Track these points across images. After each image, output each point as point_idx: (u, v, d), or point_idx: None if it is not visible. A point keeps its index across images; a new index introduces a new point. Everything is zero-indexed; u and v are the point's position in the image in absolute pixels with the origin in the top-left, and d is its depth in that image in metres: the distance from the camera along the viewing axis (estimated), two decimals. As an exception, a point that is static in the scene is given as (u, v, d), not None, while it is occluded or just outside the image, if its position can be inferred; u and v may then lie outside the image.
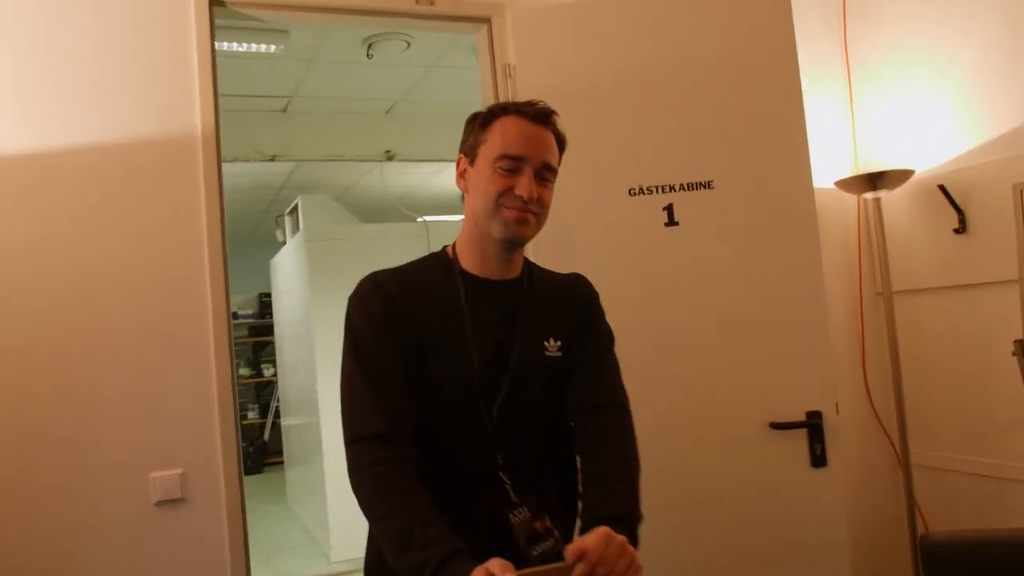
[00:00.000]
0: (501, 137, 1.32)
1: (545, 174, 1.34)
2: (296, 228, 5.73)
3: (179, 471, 1.99)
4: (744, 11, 2.22)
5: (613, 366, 1.46)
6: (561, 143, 1.39)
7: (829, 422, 2.12)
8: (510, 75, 2.31)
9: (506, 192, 1.30)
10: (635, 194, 2.19)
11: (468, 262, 1.39)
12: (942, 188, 2.50)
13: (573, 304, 1.45)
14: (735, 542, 2.12)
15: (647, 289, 2.17)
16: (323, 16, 2.24)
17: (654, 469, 1.44)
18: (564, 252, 1.92)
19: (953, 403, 2.57)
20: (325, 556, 5.01)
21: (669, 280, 2.18)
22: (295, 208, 5.78)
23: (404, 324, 1.31)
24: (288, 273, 6.02)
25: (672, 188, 2.18)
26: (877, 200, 2.65)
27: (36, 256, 1.92)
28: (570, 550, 1.08)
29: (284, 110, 4.48)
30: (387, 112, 4.68)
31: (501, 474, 1.31)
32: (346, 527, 4.72)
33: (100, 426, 1.95)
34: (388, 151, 4.80)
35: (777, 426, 2.12)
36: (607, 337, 1.48)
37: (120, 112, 1.99)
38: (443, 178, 5.87)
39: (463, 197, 1.39)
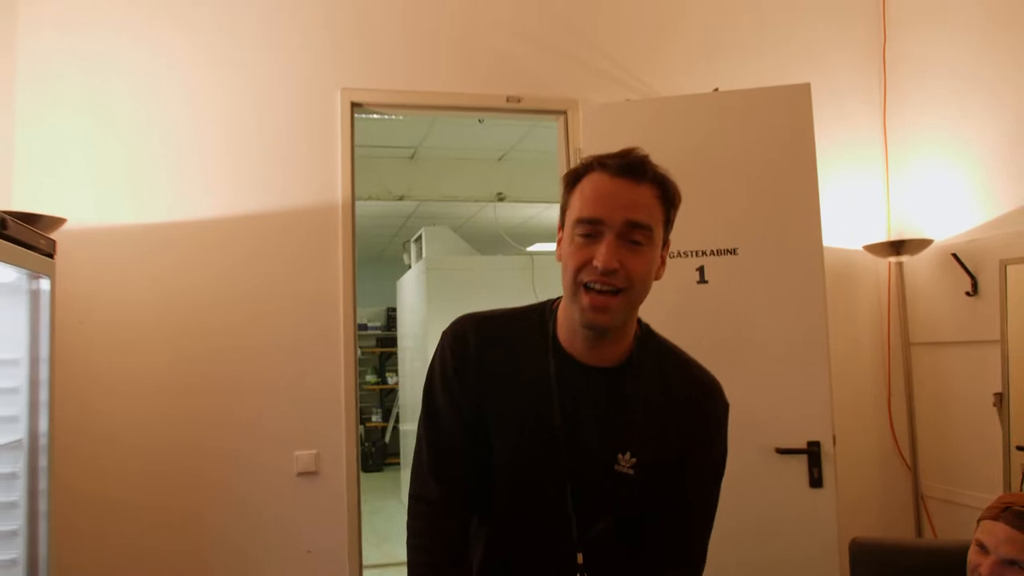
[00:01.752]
0: (580, 198, 1.16)
1: (635, 235, 1.14)
2: (420, 255, 6.51)
3: (315, 451, 2.68)
4: (769, 109, 2.71)
5: (707, 513, 1.27)
6: (667, 195, 1.19)
7: (826, 450, 2.57)
8: (579, 157, 2.89)
9: (585, 266, 1.13)
10: (674, 256, 2.72)
11: (563, 335, 1.24)
12: (955, 256, 2.89)
13: (680, 414, 1.24)
14: (743, 547, 2.59)
15: (680, 332, 2.63)
16: (434, 111, 2.91)
17: None
18: None
19: (963, 442, 2.93)
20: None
21: (699, 326, 2.68)
22: (420, 237, 6.57)
23: (483, 383, 1.23)
24: (411, 293, 6.81)
25: (704, 253, 2.70)
26: (900, 264, 3.06)
27: (221, 286, 2.66)
28: None
29: (411, 158, 5.24)
30: (499, 159, 5.36)
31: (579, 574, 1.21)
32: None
33: (258, 412, 2.65)
34: (499, 193, 5.49)
35: (782, 451, 2.59)
36: (714, 473, 1.28)
37: (284, 186, 2.71)
38: (548, 216, 6.52)
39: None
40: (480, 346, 1.24)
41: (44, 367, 1.80)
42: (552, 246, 1.29)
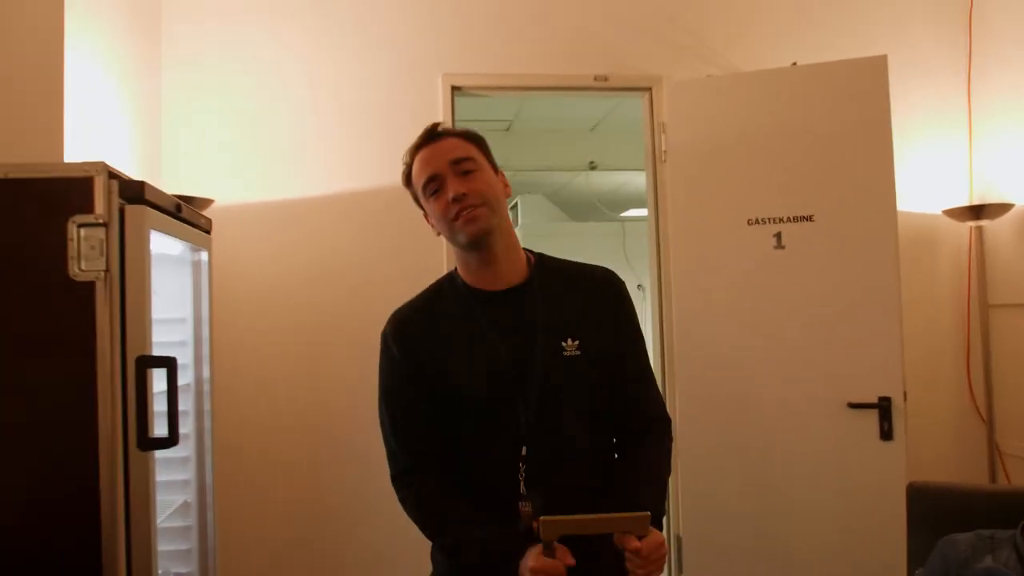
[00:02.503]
0: (415, 175, 1.46)
1: (464, 166, 1.42)
2: (516, 222, 6.80)
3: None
4: (846, 81, 2.83)
5: (644, 369, 1.54)
6: (468, 136, 1.48)
7: (896, 405, 2.72)
8: (664, 131, 3.09)
9: (446, 209, 1.40)
10: (752, 224, 2.90)
11: (470, 279, 1.49)
12: (1036, 220, 2.95)
13: (597, 299, 1.50)
14: (816, 494, 2.79)
15: (759, 295, 2.88)
16: (528, 92, 3.16)
17: (763, 430, 2.21)
18: (702, 263, 2.89)
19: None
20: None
21: (776, 289, 2.87)
22: (516, 205, 6.85)
23: (424, 355, 1.45)
24: (508, 259, 7.12)
25: (781, 220, 2.87)
26: (980, 228, 3.13)
27: (338, 256, 3.00)
28: (629, 547, 1.25)
29: (507, 130, 5.50)
30: (591, 130, 5.55)
31: (520, 465, 1.41)
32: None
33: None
34: (591, 161, 5.69)
35: (854, 405, 2.76)
36: (637, 337, 1.53)
37: (394, 164, 3.01)
38: (638, 182, 6.67)
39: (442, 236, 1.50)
40: (416, 320, 1.49)
41: (205, 326, 2.16)
42: (643, 211, 1.64)
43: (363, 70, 3.02)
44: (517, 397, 1.41)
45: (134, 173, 2.56)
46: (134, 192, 1.46)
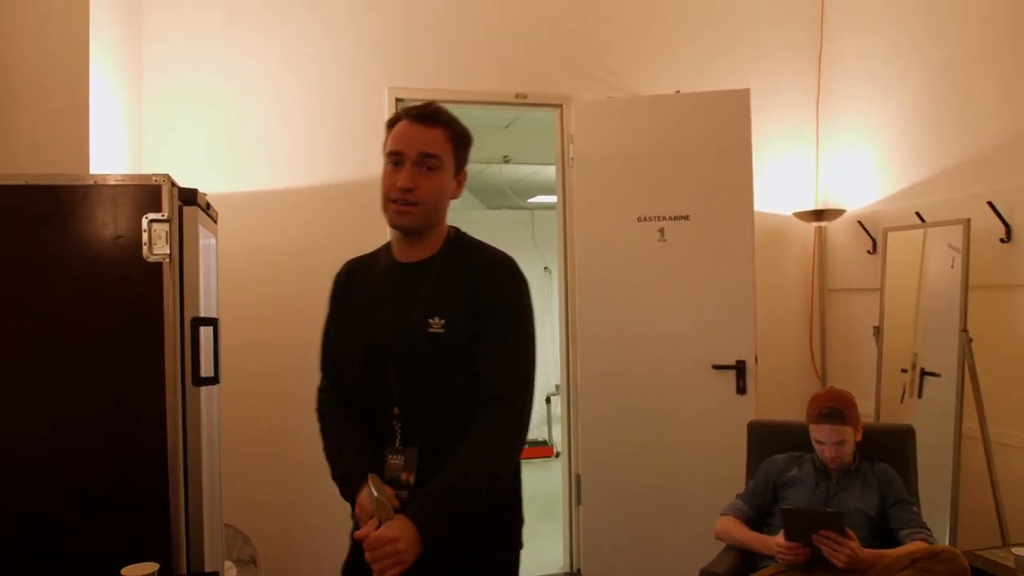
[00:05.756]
0: (390, 137, 1.55)
1: (428, 163, 1.51)
2: (433, 208, 7.34)
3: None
4: (718, 108, 3.53)
5: (506, 354, 1.53)
6: (456, 135, 1.58)
7: (749, 367, 3.46)
8: (571, 141, 3.73)
9: (392, 188, 1.52)
10: (641, 220, 3.58)
11: (394, 246, 1.64)
12: (860, 223, 3.74)
13: (476, 285, 1.55)
14: (686, 437, 3.51)
15: (646, 279, 3.57)
16: (459, 104, 3.72)
17: (646, 387, 2.87)
18: (601, 252, 3.52)
19: (858, 361, 3.82)
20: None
21: (659, 273, 3.56)
22: (433, 192, 7.38)
23: (344, 305, 1.66)
24: (425, 242, 7.66)
25: (664, 218, 3.55)
26: (820, 228, 3.92)
27: (300, 238, 3.51)
28: (364, 531, 1.39)
29: (430, 125, 6.02)
30: (506, 127, 6.15)
31: (395, 423, 1.54)
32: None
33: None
34: (505, 156, 6.29)
35: (717, 367, 3.49)
36: (505, 321, 1.54)
37: (345, 161, 3.54)
38: (546, 172, 7.32)
39: None
40: (348, 275, 1.71)
41: (214, 297, 2.61)
42: (550, 198, 2.08)
43: (323, 82, 3.53)
44: (389, 361, 1.54)
45: (127, 169, 3.01)
46: (189, 197, 1.97)
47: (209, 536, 2.14)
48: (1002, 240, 2.96)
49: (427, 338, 1.51)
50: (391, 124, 1.58)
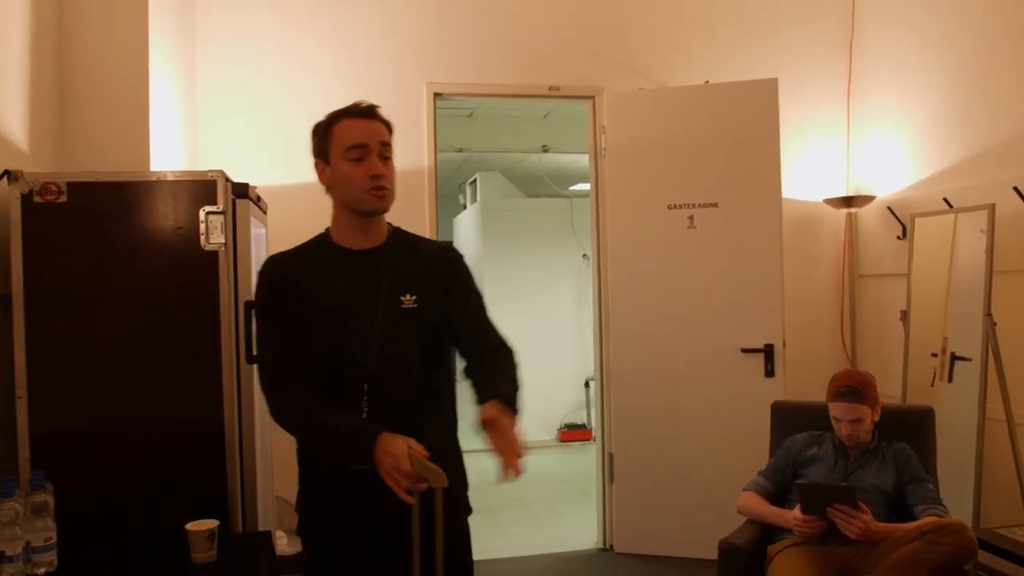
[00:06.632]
0: (343, 136, 1.62)
1: (386, 151, 1.64)
2: (475, 198, 7.49)
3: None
4: (746, 98, 3.61)
5: (480, 314, 1.72)
6: (390, 127, 1.69)
7: (778, 350, 3.55)
8: (603, 132, 3.84)
9: (363, 178, 1.60)
10: (671, 208, 3.68)
11: (339, 237, 1.69)
12: (890, 209, 3.79)
13: (434, 266, 1.71)
14: (715, 419, 3.62)
15: (675, 264, 3.67)
16: (495, 98, 3.87)
17: (677, 370, 3.01)
18: (632, 239, 3.62)
19: (888, 345, 3.86)
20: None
21: (688, 260, 3.66)
22: (475, 180, 7.54)
23: (288, 293, 1.64)
24: (467, 231, 7.82)
25: (693, 205, 3.65)
26: (851, 214, 3.97)
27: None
28: (483, 415, 1.44)
29: (470, 116, 6.18)
30: (544, 117, 6.27)
31: (363, 403, 1.60)
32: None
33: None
34: (544, 145, 6.42)
35: (746, 350, 3.58)
36: (471, 288, 1.74)
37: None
38: (583, 161, 7.44)
39: (327, 190, 1.69)
40: (286, 264, 1.69)
41: None
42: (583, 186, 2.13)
43: (363, 79, 3.68)
44: (357, 340, 1.61)
45: (183, 164, 3.21)
46: (241, 191, 2.15)
47: (262, 503, 2.33)
48: (1028, 225, 2.99)
49: (401, 313, 1.63)
50: (327, 126, 1.68)
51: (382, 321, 1.62)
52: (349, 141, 1.62)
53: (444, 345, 1.73)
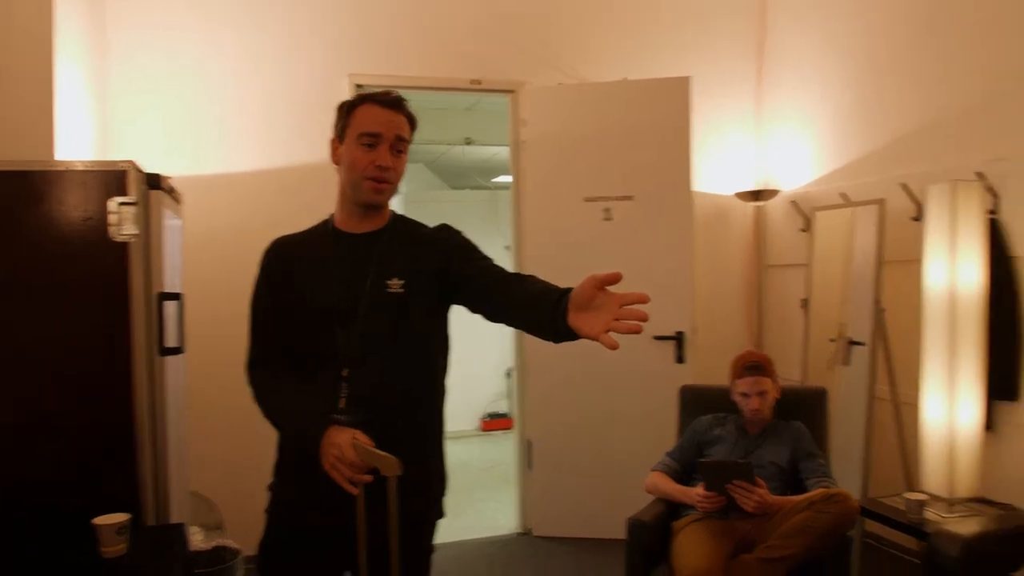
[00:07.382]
0: (361, 120, 1.62)
1: (399, 145, 1.62)
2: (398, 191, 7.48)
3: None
4: (661, 95, 3.74)
5: (494, 265, 1.68)
6: (412, 122, 1.67)
7: (688, 337, 3.71)
8: (524, 125, 3.91)
9: (369, 165, 1.60)
10: (588, 200, 3.79)
11: (339, 220, 1.71)
12: (794, 202, 3.98)
13: (428, 250, 1.68)
14: (628, 400, 3.75)
15: (591, 255, 3.78)
16: (418, 91, 3.89)
17: (591, 357, 3.04)
18: (550, 230, 3.70)
19: (788, 334, 4.08)
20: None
21: (604, 249, 3.77)
22: (398, 172, 7.53)
23: (282, 278, 1.68)
24: (391, 222, 7.81)
25: (609, 198, 3.77)
26: (758, 207, 4.16)
27: (258, 218, 3.66)
28: (593, 281, 1.37)
29: (393, 107, 6.17)
30: (467, 110, 6.31)
31: (342, 385, 1.60)
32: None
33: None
34: (467, 137, 6.46)
35: (658, 338, 3.72)
36: (478, 255, 1.69)
37: (307, 146, 3.70)
38: (507, 154, 7.52)
39: (338, 170, 1.69)
40: (284, 249, 1.73)
41: (178, 275, 2.79)
42: (505, 178, 2.13)
43: (284, 69, 3.67)
44: (340, 323, 1.62)
45: (94, 153, 3.15)
46: (154, 182, 2.14)
47: (176, 497, 2.33)
48: (914, 219, 3.21)
49: (385, 297, 1.62)
50: (351, 107, 1.67)
51: (365, 304, 1.63)
52: (365, 127, 1.62)
53: (431, 331, 1.72)
